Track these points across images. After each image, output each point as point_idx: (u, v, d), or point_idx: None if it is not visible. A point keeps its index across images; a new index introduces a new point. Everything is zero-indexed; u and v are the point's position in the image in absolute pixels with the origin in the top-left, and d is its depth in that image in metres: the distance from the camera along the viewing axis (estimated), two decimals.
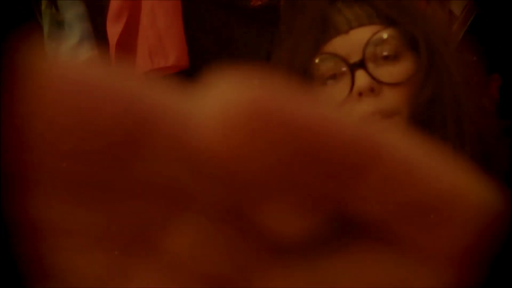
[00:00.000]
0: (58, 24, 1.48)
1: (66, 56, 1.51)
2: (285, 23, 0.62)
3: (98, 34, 1.47)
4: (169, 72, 1.37)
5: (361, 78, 0.53)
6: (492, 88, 0.97)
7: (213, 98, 0.07)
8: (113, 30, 1.41)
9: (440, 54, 0.58)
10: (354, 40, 0.55)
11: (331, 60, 0.55)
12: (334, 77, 0.55)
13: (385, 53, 0.55)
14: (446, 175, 0.09)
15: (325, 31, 0.57)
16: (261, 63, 0.67)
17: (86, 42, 1.45)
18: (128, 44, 1.40)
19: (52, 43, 1.48)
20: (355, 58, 0.54)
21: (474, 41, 0.85)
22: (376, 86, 0.53)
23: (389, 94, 0.54)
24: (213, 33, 1.46)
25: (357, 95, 0.53)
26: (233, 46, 1.44)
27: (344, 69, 0.55)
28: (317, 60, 0.56)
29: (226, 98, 0.07)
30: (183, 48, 1.34)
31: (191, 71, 1.38)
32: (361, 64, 0.53)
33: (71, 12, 1.46)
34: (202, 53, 1.44)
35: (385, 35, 0.55)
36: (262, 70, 0.08)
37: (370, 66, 0.54)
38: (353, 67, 0.54)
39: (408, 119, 0.54)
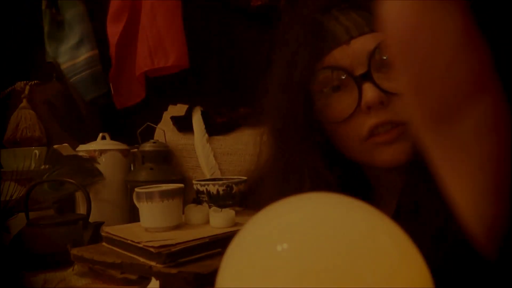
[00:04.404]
0: (58, 24, 1.48)
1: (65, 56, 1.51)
2: (281, 32, 0.58)
3: (98, 34, 1.47)
4: (169, 71, 1.37)
5: (369, 91, 0.50)
6: None
7: None
8: (113, 30, 1.41)
9: None
10: (356, 50, 0.51)
11: (335, 72, 0.52)
12: (338, 89, 0.52)
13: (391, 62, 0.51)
14: None
15: (323, 41, 0.53)
16: (261, 63, 0.65)
17: (86, 42, 1.45)
18: (128, 44, 1.40)
19: (52, 43, 1.48)
20: (360, 69, 0.51)
21: None
22: (385, 98, 0.50)
23: (399, 104, 0.49)
24: (213, 32, 1.46)
25: (366, 109, 0.50)
26: (233, 46, 1.44)
27: (349, 81, 0.51)
28: (320, 73, 0.52)
29: None
30: (183, 48, 1.34)
31: (191, 70, 1.38)
32: (368, 77, 0.50)
33: (71, 12, 1.46)
34: (202, 53, 1.44)
35: None
36: None
37: (377, 77, 0.50)
38: (360, 80, 0.51)
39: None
